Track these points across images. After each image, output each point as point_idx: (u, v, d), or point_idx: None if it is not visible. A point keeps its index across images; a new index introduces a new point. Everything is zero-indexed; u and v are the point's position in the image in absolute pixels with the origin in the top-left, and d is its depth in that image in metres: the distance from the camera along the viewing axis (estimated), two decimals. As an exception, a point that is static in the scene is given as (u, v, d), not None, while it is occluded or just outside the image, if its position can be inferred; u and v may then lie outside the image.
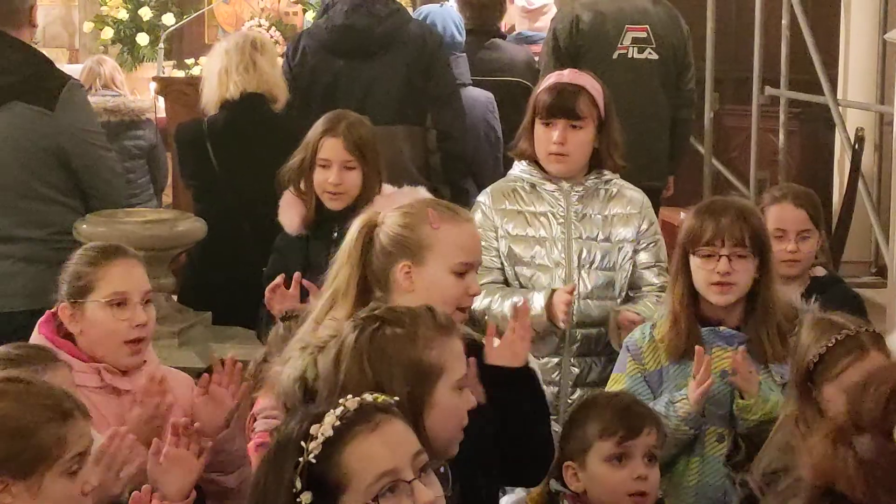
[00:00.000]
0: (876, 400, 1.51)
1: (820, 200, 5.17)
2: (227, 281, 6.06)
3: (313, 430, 2.55)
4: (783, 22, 8.87)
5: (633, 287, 4.90)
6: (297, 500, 2.51)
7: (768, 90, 9.12)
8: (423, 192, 5.22)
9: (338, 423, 2.55)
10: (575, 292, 4.70)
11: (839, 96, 8.96)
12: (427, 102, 6.54)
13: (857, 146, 8.17)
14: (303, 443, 2.53)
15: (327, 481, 2.52)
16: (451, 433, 3.10)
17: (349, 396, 2.62)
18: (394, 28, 6.54)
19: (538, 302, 4.69)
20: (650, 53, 7.30)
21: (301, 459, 2.52)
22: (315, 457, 2.52)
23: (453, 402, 3.10)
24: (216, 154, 6.18)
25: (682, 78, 7.44)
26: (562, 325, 4.68)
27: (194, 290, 6.34)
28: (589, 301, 4.83)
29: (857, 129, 8.33)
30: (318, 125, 5.25)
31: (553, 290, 4.70)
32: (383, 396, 2.68)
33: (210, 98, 6.21)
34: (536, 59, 7.74)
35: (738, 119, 10.24)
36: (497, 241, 4.89)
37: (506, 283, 4.89)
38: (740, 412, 4.14)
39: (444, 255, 3.66)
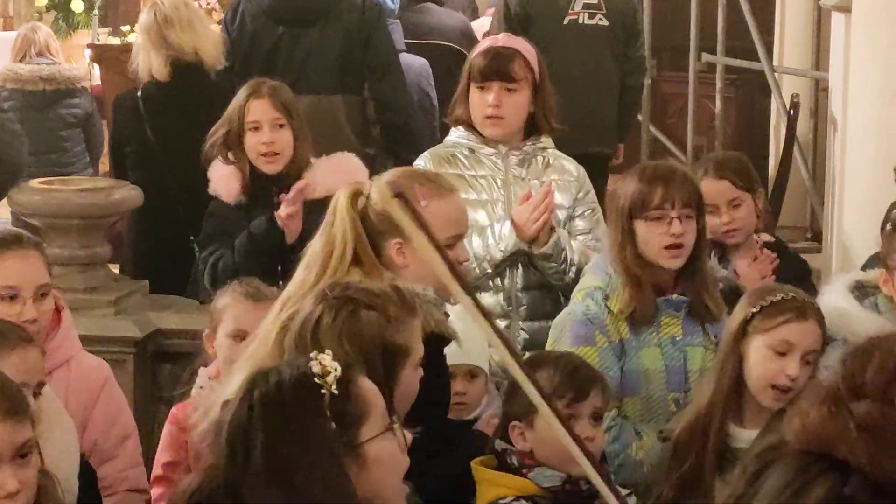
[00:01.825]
0: (876, 367, 1.51)
1: (749, 161, 5.16)
2: (163, 249, 6.04)
3: (316, 368, 2.59)
4: (720, -11, 8.91)
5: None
6: (333, 430, 2.55)
7: (705, 57, 9.16)
8: (354, 159, 5.23)
9: (335, 361, 2.62)
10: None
11: (775, 63, 9.00)
12: (366, 72, 6.53)
13: (792, 112, 8.22)
14: (316, 379, 2.57)
15: (348, 412, 2.58)
16: (406, 408, 3.17)
17: (315, 353, 2.66)
18: None
19: (506, 230, 4.71)
20: (600, 19, 7.29)
21: (324, 392, 2.56)
22: (336, 388, 2.58)
23: (413, 380, 3.20)
24: (150, 122, 6.14)
25: (632, 45, 7.44)
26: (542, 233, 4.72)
27: (131, 258, 6.32)
28: (530, 266, 4.84)
29: (792, 95, 8.38)
30: (241, 93, 5.27)
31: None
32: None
33: (141, 67, 6.17)
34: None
35: (676, 86, 10.30)
36: None
37: None
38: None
39: (436, 230, 3.62)
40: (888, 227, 4.33)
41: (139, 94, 6.20)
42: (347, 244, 3.62)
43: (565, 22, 7.25)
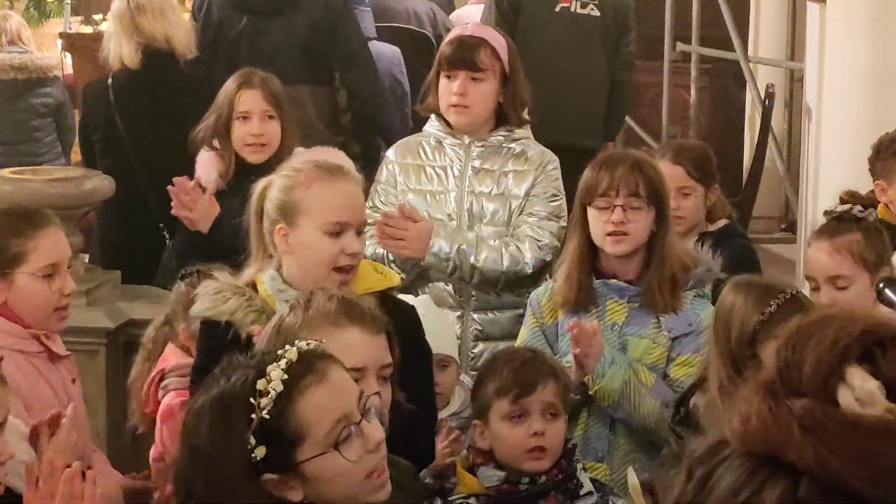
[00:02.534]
0: (813, 362, 1.45)
1: (712, 153, 5.16)
2: (133, 238, 6.01)
3: (260, 384, 2.56)
4: (695, -22, 8.90)
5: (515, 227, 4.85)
6: (252, 455, 2.53)
7: (680, 46, 9.16)
8: (337, 154, 5.19)
9: (285, 376, 2.57)
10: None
11: (750, 53, 9.00)
12: (334, 62, 6.51)
13: (767, 102, 8.22)
14: (252, 399, 2.54)
15: (283, 434, 2.55)
16: None
17: (286, 347, 2.64)
18: None
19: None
20: (592, 9, 7.18)
21: (254, 416, 2.53)
22: (269, 412, 2.53)
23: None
24: (119, 110, 6.10)
25: (623, 40, 7.31)
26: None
27: (102, 248, 6.28)
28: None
29: (767, 85, 8.39)
30: (231, 82, 5.26)
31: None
32: (315, 342, 2.71)
33: (111, 55, 6.14)
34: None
35: (650, 75, 10.26)
36: (397, 197, 4.88)
37: None
38: (598, 398, 4.17)
39: (316, 216, 3.67)
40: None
41: (109, 81, 6.16)
42: (255, 235, 3.78)
43: (557, 9, 7.14)
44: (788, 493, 1.39)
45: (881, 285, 3.97)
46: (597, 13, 7.18)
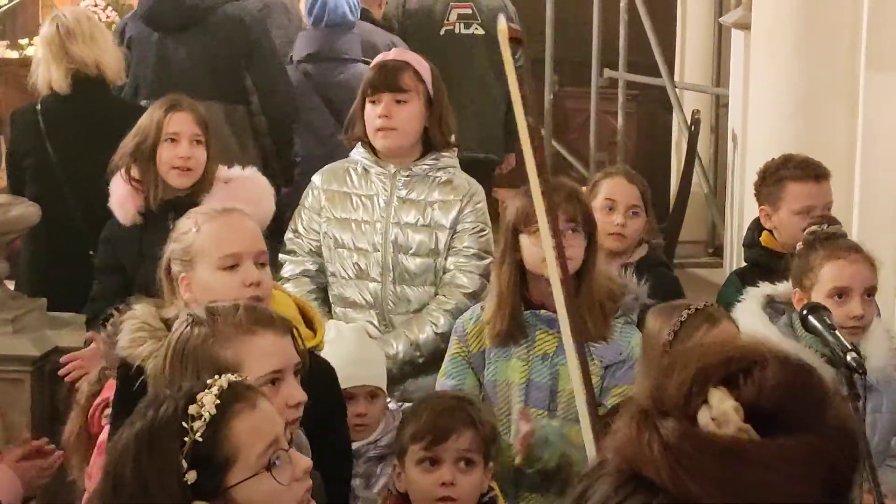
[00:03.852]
0: (678, 383, 1.49)
1: (649, 185, 5.23)
2: (60, 266, 5.96)
3: (192, 409, 2.57)
4: (621, 5, 8.97)
5: (444, 271, 4.85)
6: (184, 479, 2.53)
7: (607, 72, 9.23)
8: (256, 174, 5.19)
9: (217, 401, 2.58)
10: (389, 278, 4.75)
11: (676, 79, 9.08)
12: (252, 87, 6.57)
13: (693, 128, 8.29)
14: (184, 423, 2.55)
15: (214, 458, 2.55)
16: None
17: (217, 377, 2.66)
18: (209, 5, 6.55)
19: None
20: (476, 28, 7.67)
21: (186, 439, 2.54)
22: (201, 435, 2.55)
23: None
24: (49, 136, 6.06)
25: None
26: None
27: (29, 275, 6.23)
28: (406, 287, 4.82)
29: (693, 111, 8.45)
30: (158, 106, 5.19)
31: None
32: (240, 377, 2.74)
33: (40, 80, 6.10)
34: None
35: (578, 100, 10.34)
36: (321, 224, 4.87)
37: (320, 270, 4.88)
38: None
39: (208, 254, 3.66)
40: (800, 246, 4.38)
41: (38, 107, 6.12)
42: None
43: (441, 32, 7.64)
44: None
45: (804, 312, 4.02)
46: (481, 31, 7.70)
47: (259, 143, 6.69)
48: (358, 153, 4.91)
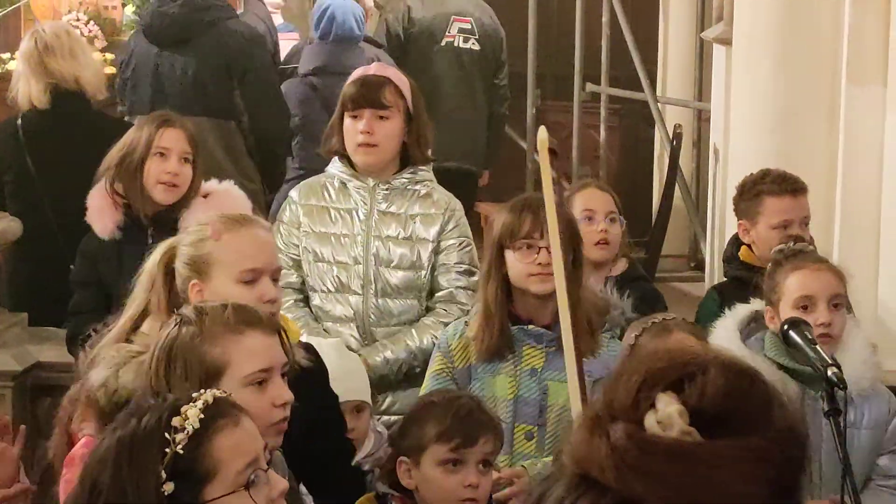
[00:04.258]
0: (627, 389, 1.54)
1: (632, 199, 5.27)
2: (42, 281, 5.94)
3: (176, 421, 2.57)
4: (603, 19, 9.00)
5: (438, 288, 4.88)
6: (161, 489, 2.52)
7: (589, 86, 9.24)
8: (232, 187, 5.17)
9: (202, 415, 2.58)
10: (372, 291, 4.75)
11: (658, 93, 9.09)
12: (243, 105, 6.58)
13: (675, 142, 8.30)
14: (167, 434, 2.55)
15: (194, 471, 2.55)
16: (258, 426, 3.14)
17: (202, 391, 2.66)
18: (207, 20, 6.56)
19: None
20: (474, 44, 7.91)
21: (168, 451, 2.54)
22: (183, 448, 2.54)
23: (245, 398, 3.05)
24: (30, 150, 6.06)
25: (498, 74, 8.06)
26: None
27: (10, 290, 6.21)
28: (388, 300, 4.83)
29: (675, 125, 8.46)
30: (150, 121, 5.17)
31: None
32: (225, 393, 2.74)
33: (20, 95, 6.10)
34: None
35: (560, 115, 10.34)
36: (300, 238, 4.87)
37: (303, 283, 4.88)
38: None
39: (228, 266, 3.64)
40: (770, 265, 4.39)
41: (18, 122, 6.12)
42: (160, 298, 3.63)
43: (442, 44, 7.88)
44: None
45: (785, 327, 4.03)
46: (477, 47, 7.97)
47: (244, 162, 6.71)
48: (335, 167, 4.92)
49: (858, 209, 5.63)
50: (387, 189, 4.85)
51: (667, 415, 1.51)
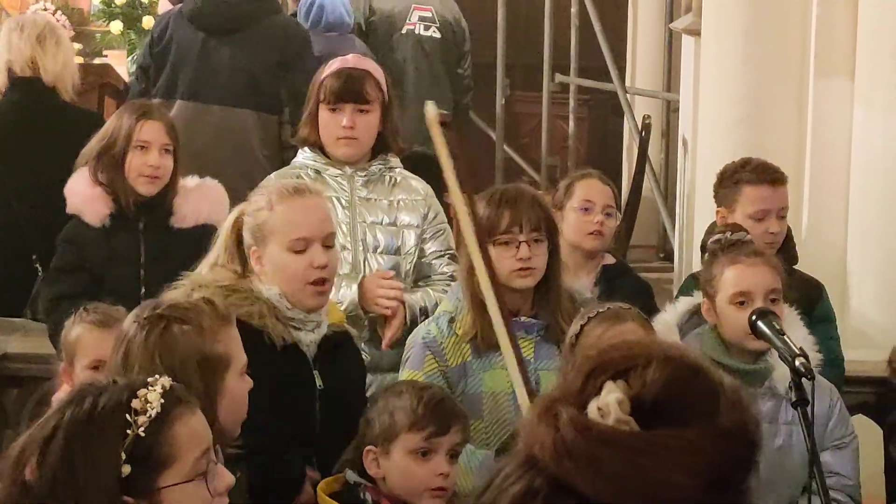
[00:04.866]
0: (578, 375, 1.58)
1: None
2: (6, 272, 5.91)
3: (136, 404, 2.54)
4: (572, 10, 9.01)
5: (423, 276, 4.90)
6: (119, 471, 2.50)
7: (558, 77, 9.25)
8: (219, 188, 5.17)
9: (162, 400, 2.56)
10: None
11: (627, 84, 9.11)
12: (286, 98, 6.52)
13: (643, 133, 8.31)
14: (128, 416, 2.53)
15: (152, 456, 2.53)
16: (237, 417, 3.21)
17: (156, 377, 2.63)
18: (257, 11, 6.50)
19: (349, 296, 4.69)
20: (434, 32, 7.94)
21: (129, 432, 2.51)
22: (145, 430, 2.52)
23: (240, 388, 3.21)
24: None
25: (462, 63, 8.09)
26: (386, 310, 4.71)
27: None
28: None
29: (644, 116, 8.48)
30: (128, 112, 5.14)
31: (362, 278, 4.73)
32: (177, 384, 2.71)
33: None
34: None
35: (529, 105, 10.37)
36: None
37: None
38: None
39: (280, 235, 3.90)
40: (706, 256, 4.41)
41: None
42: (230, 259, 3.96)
43: (403, 31, 7.89)
44: (529, 485, 1.57)
45: (754, 318, 4.04)
46: (438, 35, 7.99)
47: (283, 155, 6.65)
48: (306, 157, 4.90)
49: (826, 201, 5.66)
50: (365, 176, 4.86)
51: (605, 403, 1.54)
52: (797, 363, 3.79)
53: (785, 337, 3.95)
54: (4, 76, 5.98)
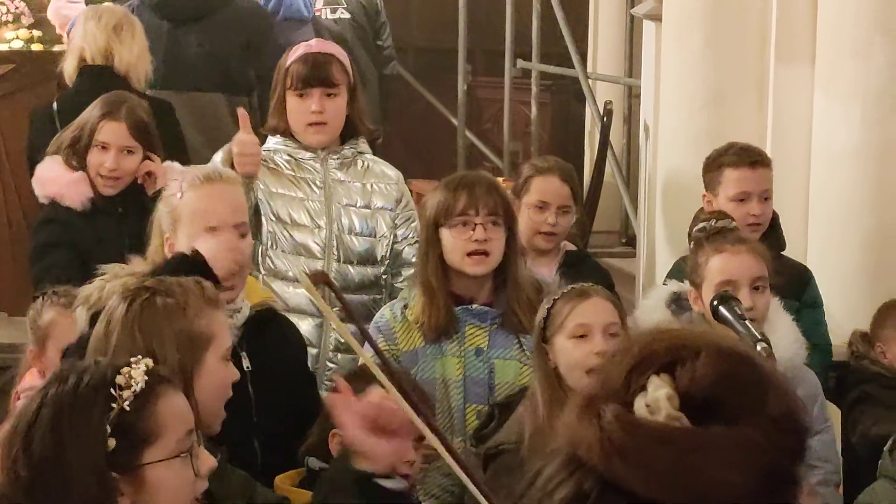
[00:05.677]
0: (620, 370, 1.53)
1: None
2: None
3: (120, 380, 2.56)
4: (534, -5, 9.00)
5: (396, 263, 4.90)
6: (106, 445, 2.51)
7: (520, 63, 9.25)
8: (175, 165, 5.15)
9: (146, 377, 2.58)
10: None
11: (589, 69, 9.12)
12: (255, 81, 6.51)
13: (605, 119, 8.33)
14: (113, 391, 2.54)
15: (136, 431, 2.55)
16: (217, 403, 3.18)
17: (138, 356, 2.65)
18: None
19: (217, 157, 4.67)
20: (342, 13, 8.22)
21: (114, 406, 2.53)
22: (129, 405, 2.53)
23: (221, 372, 3.19)
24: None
25: (380, 36, 8.37)
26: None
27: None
28: (349, 266, 4.83)
29: (606, 102, 8.49)
30: (97, 106, 5.12)
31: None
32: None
33: (66, 68, 5.97)
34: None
35: (491, 91, 10.36)
36: (256, 191, 4.76)
37: None
38: None
39: (188, 224, 3.80)
40: (692, 244, 4.42)
41: (54, 105, 5.94)
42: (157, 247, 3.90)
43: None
44: (578, 487, 1.50)
45: (715, 303, 4.06)
46: (347, 15, 8.25)
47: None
48: (276, 143, 4.88)
49: (787, 187, 5.67)
50: (338, 159, 4.86)
51: (654, 399, 1.49)
52: (759, 348, 3.81)
53: (747, 322, 3.96)
54: (75, 63, 5.91)
